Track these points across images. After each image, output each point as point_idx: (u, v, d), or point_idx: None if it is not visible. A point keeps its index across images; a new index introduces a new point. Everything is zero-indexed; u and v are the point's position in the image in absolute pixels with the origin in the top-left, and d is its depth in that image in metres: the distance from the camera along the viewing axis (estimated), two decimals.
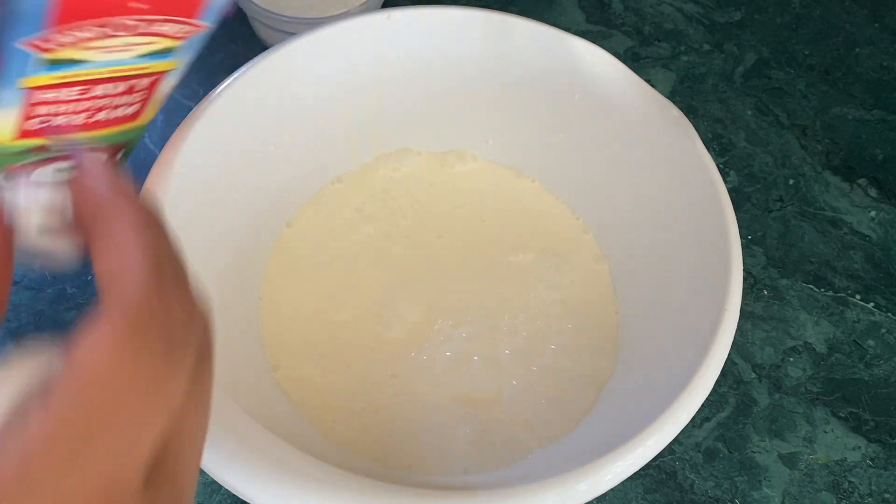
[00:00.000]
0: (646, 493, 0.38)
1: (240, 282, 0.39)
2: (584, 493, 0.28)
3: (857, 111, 0.52)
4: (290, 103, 0.40)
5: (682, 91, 0.52)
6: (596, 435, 0.35)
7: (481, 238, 0.43)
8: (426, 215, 0.44)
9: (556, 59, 0.40)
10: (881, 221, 0.47)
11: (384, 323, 0.40)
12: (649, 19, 0.56)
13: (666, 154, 0.38)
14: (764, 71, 0.53)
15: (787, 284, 0.44)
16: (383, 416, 0.38)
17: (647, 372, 0.36)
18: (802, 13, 0.57)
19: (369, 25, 0.40)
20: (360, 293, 0.41)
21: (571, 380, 0.39)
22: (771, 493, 0.38)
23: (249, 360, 0.38)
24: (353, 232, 0.43)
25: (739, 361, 0.42)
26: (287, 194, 0.43)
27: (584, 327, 0.41)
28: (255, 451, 0.28)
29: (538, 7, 0.56)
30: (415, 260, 0.42)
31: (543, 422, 0.38)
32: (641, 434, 0.29)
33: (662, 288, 0.38)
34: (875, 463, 0.39)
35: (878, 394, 0.41)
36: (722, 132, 0.50)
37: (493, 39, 0.41)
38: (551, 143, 0.44)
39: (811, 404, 0.41)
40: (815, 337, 0.43)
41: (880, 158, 0.50)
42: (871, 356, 0.42)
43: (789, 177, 0.49)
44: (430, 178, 0.46)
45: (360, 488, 0.28)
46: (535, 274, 0.42)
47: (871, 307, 0.44)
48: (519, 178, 0.45)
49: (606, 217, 0.43)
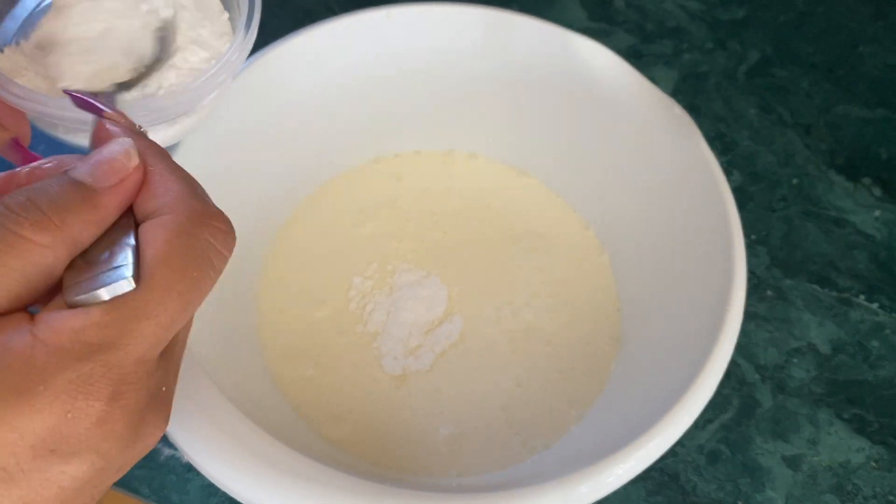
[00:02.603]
0: (648, 495, 0.38)
1: (238, 282, 0.39)
2: (586, 495, 0.28)
3: (861, 110, 0.52)
4: (288, 102, 0.40)
5: (684, 89, 0.52)
6: (597, 437, 0.35)
7: (481, 236, 0.43)
8: (427, 214, 0.44)
9: (557, 57, 0.40)
10: (885, 221, 0.47)
11: (385, 322, 0.40)
12: (652, 16, 0.55)
13: (668, 152, 0.38)
14: (767, 69, 0.53)
15: (791, 285, 0.44)
16: (379, 417, 0.37)
17: (650, 373, 0.35)
18: (806, 11, 0.56)
19: (369, 23, 0.40)
20: (361, 293, 0.41)
21: (572, 380, 0.39)
22: (774, 495, 0.38)
23: (247, 361, 0.38)
24: (353, 232, 0.43)
25: (743, 362, 0.41)
26: (285, 195, 0.43)
27: (585, 326, 0.40)
28: (253, 454, 0.28)
29: (539, 4, 0.55)
30: (415, 260, 0.42)
31: (543, 422, 0.37)
32: (644, 436, 0.29)
33: (665, 288, 0.38)
34: (879, 465, 0.39)
35: (883, 395, 0.41)
36: (725, 131, 0.50)
37: (494, 37, 0.41)
38: (553, 141, 0.43)
39: (815, 406, 0.40)
40: (819, 338, 0.43)
41: (884, 157, 0.49)
42: (875, 357, 0.42)
43: (793, 176, 0.48)
44: (430, 177, 0.45)
45: (359, 490, 0.27)
46: (536, 272, 0.42)
47: (875, 307, 0.44)
48: (520, 176, 0.45)
49: (608, 216, 0.43)
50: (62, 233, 0.19)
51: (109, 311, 0.18)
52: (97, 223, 0.20)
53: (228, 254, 0.21)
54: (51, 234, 0.19)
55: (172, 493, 0.36)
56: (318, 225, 0.43)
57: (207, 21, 0.33)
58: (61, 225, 0.19)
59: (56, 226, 0.19)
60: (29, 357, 0.18)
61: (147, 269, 0.19)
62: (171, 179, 0.21)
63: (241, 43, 0.31)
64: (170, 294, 0.19)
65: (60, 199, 0.19)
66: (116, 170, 0.20)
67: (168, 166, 0.22)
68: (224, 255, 0.21)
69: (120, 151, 0.21)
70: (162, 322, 0.19)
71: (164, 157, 0.22)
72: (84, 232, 0.20)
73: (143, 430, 0.20)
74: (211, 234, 0.21)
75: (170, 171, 0.21)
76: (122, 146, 0.21)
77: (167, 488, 0.36)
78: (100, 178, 0.20)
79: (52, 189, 0.20)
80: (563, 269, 0.42)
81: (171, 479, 0.37)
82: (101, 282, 0.19)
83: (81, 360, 0.18)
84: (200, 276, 0.20)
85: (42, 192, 0.19)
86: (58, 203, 0.19)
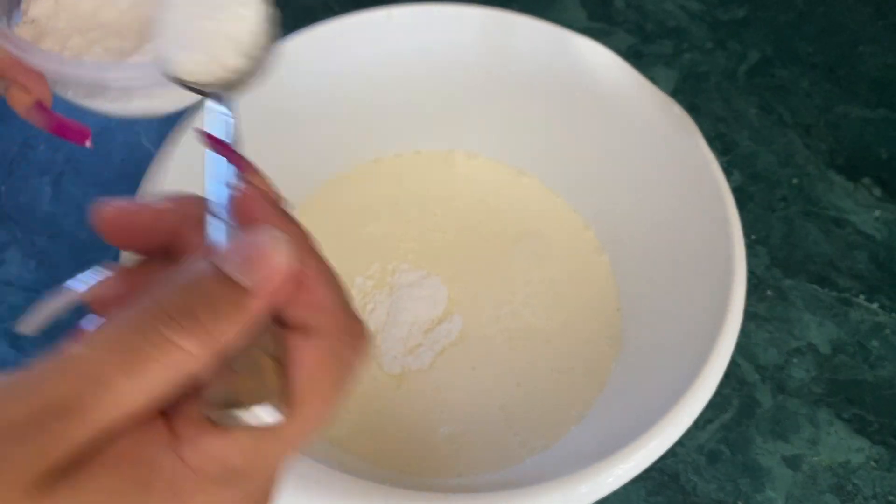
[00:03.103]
0: (648, 495, 0.38)
1: None
2: (586, 495, 0.28)
3: (862, 110, 0.52)
4: (289, 102, 0.40)
5: (684, 89, 0.52)
6: (597, 437, 0.35)
7: (481, 236, 0.43)
8: (427, 214, 0.44)
9: (557, 57, 0.40)
10: (885, 221, 0.47)
11: (385, 322, 0.40)
12: (652, 17, 0.55)
13: (668, 152, 0.38)
14: (767, 69, 0.53)
15: (791, 285, 0.44)
16: (379, 416, 0.37)
17: (649, 373, 0.35)
18: (806, 11, 0.56)
19: (370, 23, 0.40)
20: (362, 292, 0.41)
21: (572, 380, 0.39)
22: (774, 495, 0.38)
23: None
24: (354, 232, 0.43)
25: (743, 363, 0.41)
26: (286, 195, 0.43)
27: (585, 326, 0.40)
28: None
29: (539, 4, 0.55)
30: (416, 260, 0.42)
31: (543, 423, 0.37)
32: (644, 436, 0.29)
33: (665, 287, 0.38)
34: (879, 465, 0.39)
35: (883, 395, 0.41)
36: (725, 131, 0.50)
37: (494, 37, 0.40)
38: (553, 141, 0.43)
39: (815, 406, 0.40)
40: (819, 338, 0.43)
41: (884, 157, 0.49)
42: (875, 357, 0.42)
43: (793, 176, 0.48)
44: (430, 177, 0.45)
45: (360, 490, 0.27)
46: (536, 272, 0.42)
47: (875, 307, 0.44)
48: (520, 175, 0.45)
49: (608, 216, 0.43)
50: (214, 341, 0.17)
51: (258, 439, 0.17)
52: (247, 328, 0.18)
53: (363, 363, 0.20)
54: (202, 344, 0.17)
55: None
56: (319, 225, 0.43)
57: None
58: (214, 332, 0.17)
59: (208, 333, 0.17)
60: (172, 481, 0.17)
61: (298, 396, 0.18)
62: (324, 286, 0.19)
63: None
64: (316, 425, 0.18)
65: (215, 303, 0.18)
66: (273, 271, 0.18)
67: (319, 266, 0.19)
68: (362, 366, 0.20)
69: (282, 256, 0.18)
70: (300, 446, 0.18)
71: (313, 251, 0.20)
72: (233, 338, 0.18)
73: None
74: (357, 353, 0.19)
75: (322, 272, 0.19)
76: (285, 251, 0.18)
77: None
78: (255, 279, 0.18)
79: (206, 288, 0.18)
80: (562, 269, 0.42)
81: None
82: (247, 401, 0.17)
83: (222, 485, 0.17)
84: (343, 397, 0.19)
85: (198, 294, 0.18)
86: (213, 308, 0.17)
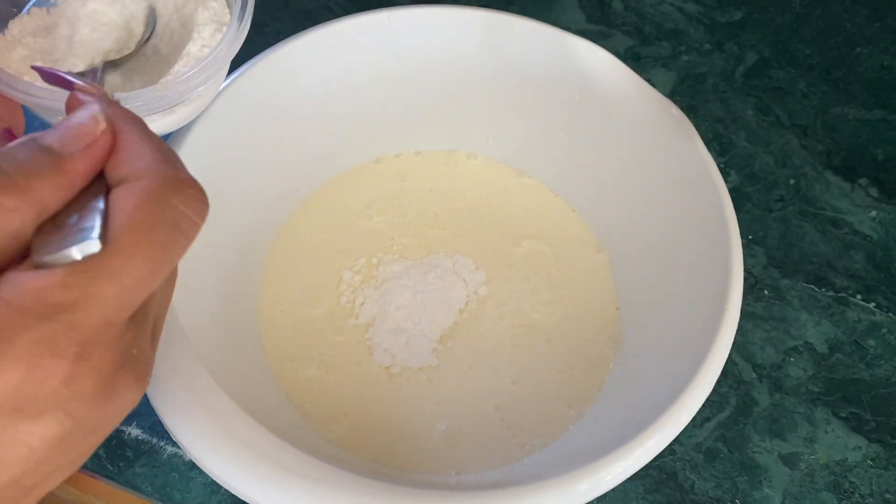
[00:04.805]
0: (646, 493, 0.38)
1: (240, 282, 0.39)
2: (585, 493, 0.28)
3: (858, 111, 0.52)
4: (290, 103, 0.40)
5: (682, 91, 0.52)
6: (596, 435, 0.35)
7: (482, 236, 0.43)
8: (428, 214, 0.44)
9: (556, 59, 0.40)
10: (882, 221, 0.47)
11: (386, 322, 0.40)
12: (650, 19, 0.55)
13: (666, 154, 0.38)
14: (764, 70, 0.53)
15: (788, 284, 0.44)
16: (376, 413, 0.38)
17: (648, 371, 0.36)
18: (803, 13, 0.57)
19: (370, 25, 0.40)
20: (361, 292, 0.41)
21: (570, 379, 0.39)
22: (771, 493, 0.38)
23: (249, 360, 0.38)
24: (353, 233, 0.43)
25: (740, 361, 0.42)
26: (286, 195, 0.43)
27: (584, 326, 0.40)
28: (255, 452, 0.28)
29: (538, 6, 0.56)
30: (416, 259, 0.42)
31: (542, 421, 0.37)
32: (642, 434, 0.29)
33: (663, 287, 0.38)
34: (876, 463, 0.39)
35: (879, 394, 0.41)
36: (722, 132, 0.50)
37: (493, 39, 0.41)
38: (552, 142, 0.44)
39: (812, 404, 0.41)
40: (816, 337, 0.43)
41: (881, 158, 0.50)
42: (871, 356, 0.42)
43: (790, 176, 0.49)
44: (431, 177, 0.45)
45: (360, 487, 0.28)
46: (535, 271, 0.42)
47: (872, 307, 0.44)
48: (520, 176, 0.45)
49: (607, 216, 0.43)
50: (29, 196, 0.19)
51: (73, 272, 0.18)
52: (65, 188, 0.20)
53: (201, 221, 0.21)
54: (17, 198, 0.19)
55: (175, 490, 0.37)
56: (319, 225, 0.43)
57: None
58: (27, 189, 0.19)
59: (22, 189, 0.19)
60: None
61: (114, 232, 0.19)
62: (143, 146, 0.21)
63: (233, 35, 0.31)
64: (135, 258, 0.19)
65: (27, 163, 0.19)
66: (84, 134, 0.20)
67: (141, 133, 0.21)
68: (196, 222, 0.21)
69: (87, 116, 0.21)
70: (126, 285, 0.19)
71: (138, 124, 0.22)
72: (52, 196, 0.20)
73: (114, 391, 0.20)
74: (182, 201, 0.21)
75: (142, 138, 0.21)
76: (90, 111, 0.21)
77: (170, 486, 0.37)
78: (67, 143, 0.20)
79: (18, 154, 0.20)
80: (561, 268, 0.42)
81: (174, 476, 0.37)
82: (67, 243, 0.19)
83: (44, 319, 0.18)
84: (169, 241, 0.20)
85: (8, 157, 0.19)
86: (24, 167, 0.19)
